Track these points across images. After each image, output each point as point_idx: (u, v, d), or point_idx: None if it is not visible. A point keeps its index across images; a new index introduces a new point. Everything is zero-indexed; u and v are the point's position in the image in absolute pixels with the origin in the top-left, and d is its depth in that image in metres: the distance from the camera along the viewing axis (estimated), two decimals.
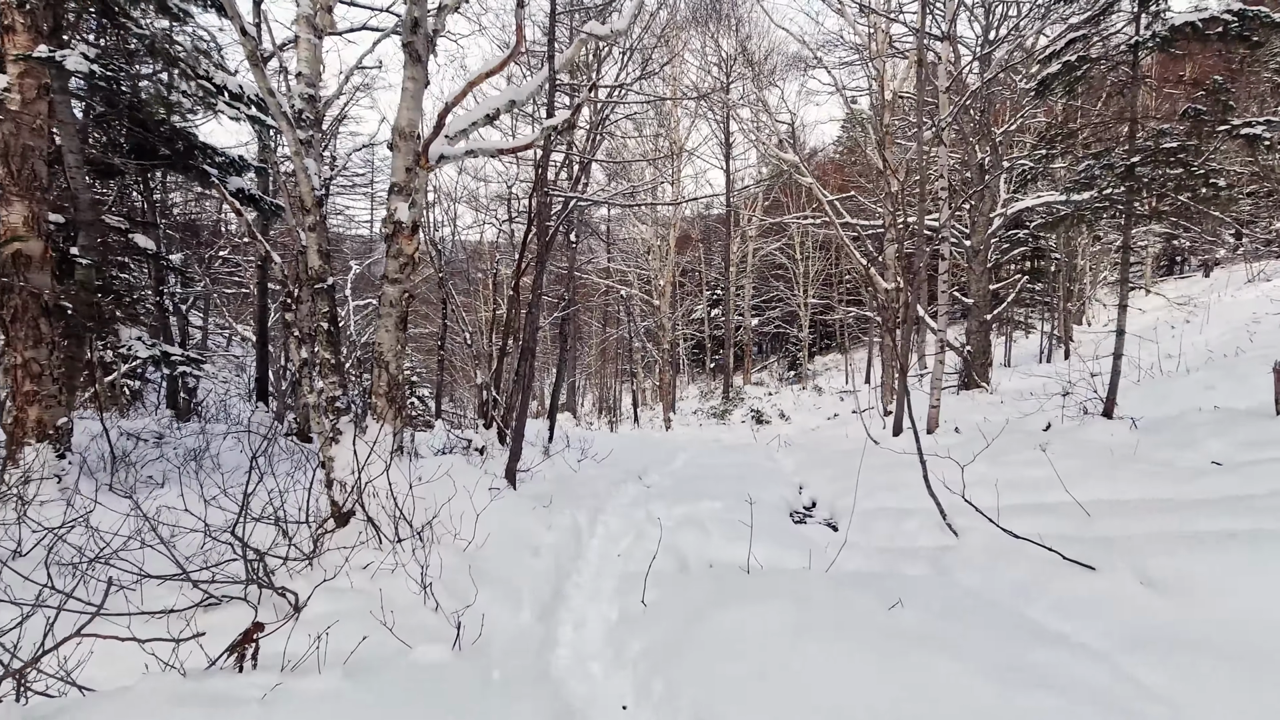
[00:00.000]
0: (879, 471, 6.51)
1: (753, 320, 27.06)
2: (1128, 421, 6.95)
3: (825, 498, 6.17)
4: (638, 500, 5.67)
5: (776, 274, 28.93)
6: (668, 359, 19.77)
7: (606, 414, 25.08)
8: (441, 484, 4.16)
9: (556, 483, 6.37)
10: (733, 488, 6.17)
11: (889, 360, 11.59)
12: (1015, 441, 6.62)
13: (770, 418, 17.86)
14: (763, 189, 21.44)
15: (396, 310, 4.62)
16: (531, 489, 5.82)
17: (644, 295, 20.38)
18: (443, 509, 3.86)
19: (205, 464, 6.05)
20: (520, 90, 4.99)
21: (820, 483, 6.83)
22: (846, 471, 6.97)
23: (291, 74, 4.75)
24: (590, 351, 28.93)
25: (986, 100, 13.35)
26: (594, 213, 22.44)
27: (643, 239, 20.10)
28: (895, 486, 5.61)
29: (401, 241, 4.58)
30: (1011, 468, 5.35)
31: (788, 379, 30.06)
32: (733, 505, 4.96)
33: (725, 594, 2.76)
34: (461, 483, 4.29)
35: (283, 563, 2.82)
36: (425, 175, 4.57)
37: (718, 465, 8.10)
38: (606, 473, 7.44)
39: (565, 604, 3.23)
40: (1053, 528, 3.48)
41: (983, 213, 14.70)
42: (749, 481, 6.74)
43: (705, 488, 6.08)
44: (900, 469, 6.37)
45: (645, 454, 9.60)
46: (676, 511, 4.73)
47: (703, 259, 26.19)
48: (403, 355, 4.70)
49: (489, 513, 3.94)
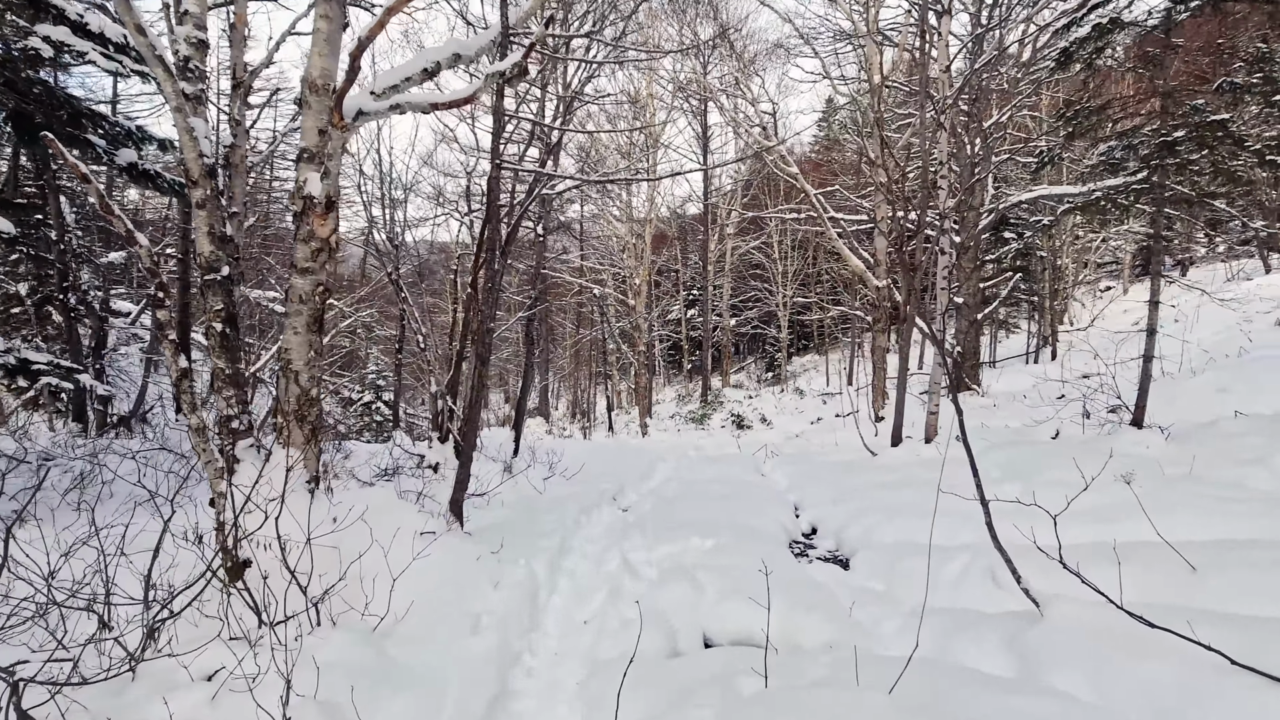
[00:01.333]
0: (888, 491, 5.71)
1: (730, 320, 26.32)
2: (1156, 430, 6.27)
3: (828, 523, 5.34)
4: (612, 533, 4.79)
5: (754, 273, 28.25)
6: (644, 361, 18.89)
7: (580, 418, 24.12)
8: (366, 525, 3.25)
9: (517, 509, 5.45)
10: (722, 513, 5.32)
11: (879, 363, 10.87)
12: (1038, 455, 5.87)
13: (751, 422, 17.09)
14: (741, 184, 20.67)
15: (308, 308, 3.67)
16: (485, 520, 4.89)
17: (619, 295, 19.48)
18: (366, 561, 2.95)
19: (92, 493, 5.03)
20: (467, 43, 4.07)
21: (819, 502, 6.01)
22: (848, 490, 6.17)
23: (175, 13, 3.79)
24: (564, 354, 27.95)
25: (977, 90, 12.72)
26: (566, 209, 21.51)
27: (618, 236, 19.20)
28: (915, 511, 4.80)
29: (314, 221, 3.63)
30: (1049, 489, 4.57)
31: (765, 380, 29.40)
32: (726, 542, 4.10)
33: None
34: (392, 523, 3.37)
35: (81, 682, 1.88)
36: (342, 138, 3.63)
37: (701, 482, 7.24)
38: (577, 492, 6.54)
39: (507, 712, 2.33)
40: (1149, 587, 2.68)
41: (972, 207, 14.09)
42: (738, 502, 5.90)
43: (690, 513, 5.22)
44: (915, 489, 5.58)
45: (621, 467, 8.71)
46: (659, 553, 3.85)
47: (679, 257, 25.37)
48: (318, 364, 3.76)
49: (419, 568, 3.02)
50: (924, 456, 7.98)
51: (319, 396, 3.81)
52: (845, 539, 4.85)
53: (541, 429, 21.34)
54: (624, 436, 17.10)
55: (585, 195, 18.03)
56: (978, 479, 2.92)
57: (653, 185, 17.96)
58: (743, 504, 5.83)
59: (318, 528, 3.18)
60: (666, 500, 6.07)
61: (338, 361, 20.74)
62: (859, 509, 5.28)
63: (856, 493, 5.95)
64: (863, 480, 6.53)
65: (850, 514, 5.23)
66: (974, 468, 2.97)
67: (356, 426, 18.66)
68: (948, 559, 3.64)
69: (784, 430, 15.73)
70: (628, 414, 23.14)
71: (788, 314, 26.52)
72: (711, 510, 5.42)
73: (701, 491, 6.51)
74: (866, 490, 5.97)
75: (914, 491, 5.49)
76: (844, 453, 9.03)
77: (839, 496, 5.96)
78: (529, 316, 8.96)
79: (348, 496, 3.69)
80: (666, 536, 4.25)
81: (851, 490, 6.08)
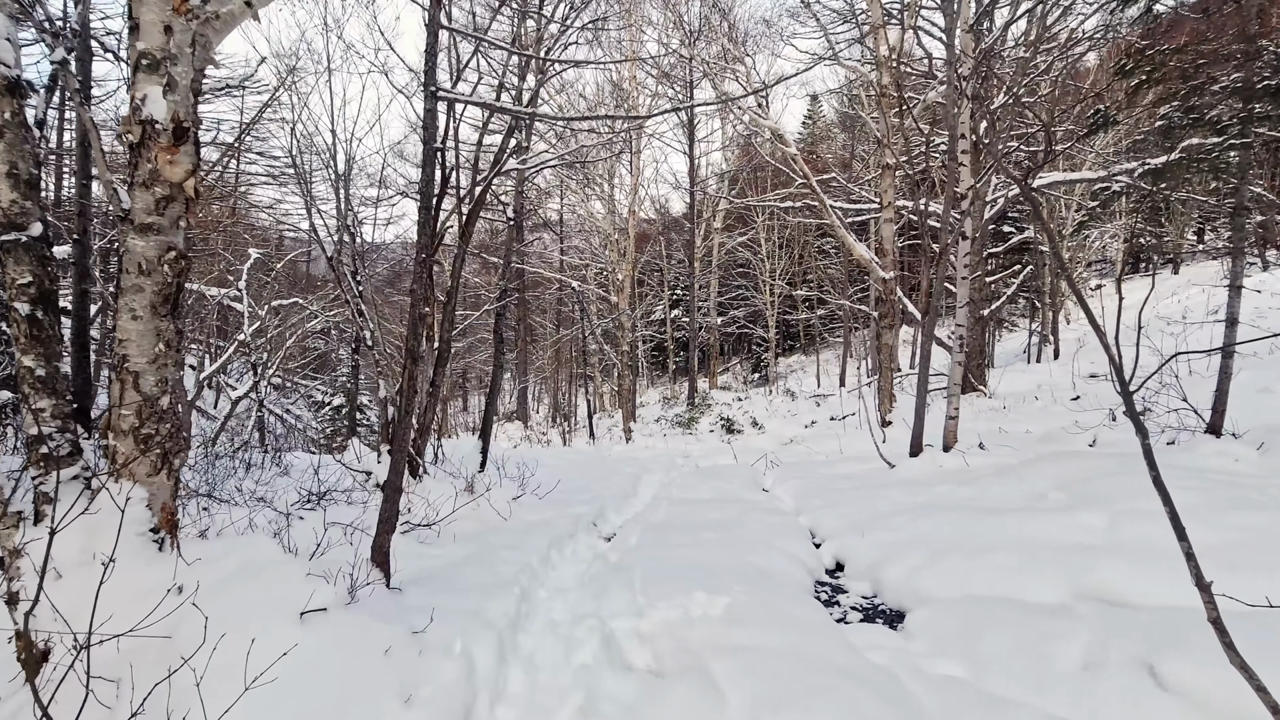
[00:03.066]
0: (922, 516, 4.70)
1: (718, 320, 25.35)
2: (1230, 437, 5.35)
3: (856, 558, 4.33)
4: (590, 582, 3.72)
5: (740, 270, 27.32)
6: (628, 362, 17.83)
7: (561, 422, 23.00)
8: (232, 598, 2.18)
9: (472, 544, 4.37)
10: (726, 548, 4.29)
11: (886, 362, 9.92)
12: (1100, 470, 4.89)
13: (742, 426, 16.10)
14: (728, 176, 19.69)
15: (153, 283, 2.57)
16: (424, 564, 3.81)
17: (601, 292, 18.40)
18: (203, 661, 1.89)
19: None
20: None
21: (839, 530, 4.99)
22: (872, 513, 5.16)
23: None
24: (544, 354, 26.79)
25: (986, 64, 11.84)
26: (543, 201, 20.36)
27: (600, 230, 18.11)
28: (968, 546, 3.80)
29: (157, 157, 2.53)
30: (1141, 522, 3.59)
31: (752, 381, 28.47)
32: (740, 600, 3.06)
33: None
34: (261, 595, 2.29)
35: None
36: (192, 32, 2.53)
37: (695, 502, 6.20)
38: (549, 518, 5.47)
39: None
40: None
41: (979, 195, 13.22)
42: (743, 531, 4.86)
43: (688, 550, 4.18)
44: (956, 513, 4.58)
45: (602, 481, 7.65)
46: (654, 621, 2.79)
47: (664, 253, 24.33)
48: (169, 361, 2.65)
49: (289, 675, 1.95)
50: (948, 468, 7.01)
51: (174, 409, 2.71)
52: (885, 583, 3.83)
53: (520, 434, 20.18)
54: (606, 442, 16.02)
55: (565, 177, 16.92)
56: (1158, 477, 1.91)
57: (635, 175, 16.90)
58: (749, 533, 4.80)
59: (161, 601, 2.11)
60: (656, 528, 5.01)
61: (310, 364, 19.57)
62: (894, 542, 4.27)
63: (883, 518, 4.94)
64: (887, 500, 5.53)
65: (883, 548, 4.23)
66: (1159, 483, 1.95)
67: (327, 431, 17.49)
68: (1048, 627, 2.63)
69: (777, 435, 14.75)
70: (610, 418, 22.07)
71: (775, 313, 25.60)
72: (713, 545, 4.39)
73: (697, 516, 5.47)
74: (895, 515, 4.96)
75: (957, 517, 4.49)
76: (853, 463, 8.04)
77: (863, 522, 4.95)
78: (498, 311, 7.86)
79: (213, 550, 2.59)
80: (662, 590, 3.19)
81: (877, 515, 5.07)
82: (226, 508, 4.56)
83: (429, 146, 2.99)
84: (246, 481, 5.71)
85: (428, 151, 2.99)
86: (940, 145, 15.68)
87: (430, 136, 2.95)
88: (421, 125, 3.05)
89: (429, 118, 2.93)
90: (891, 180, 9.69)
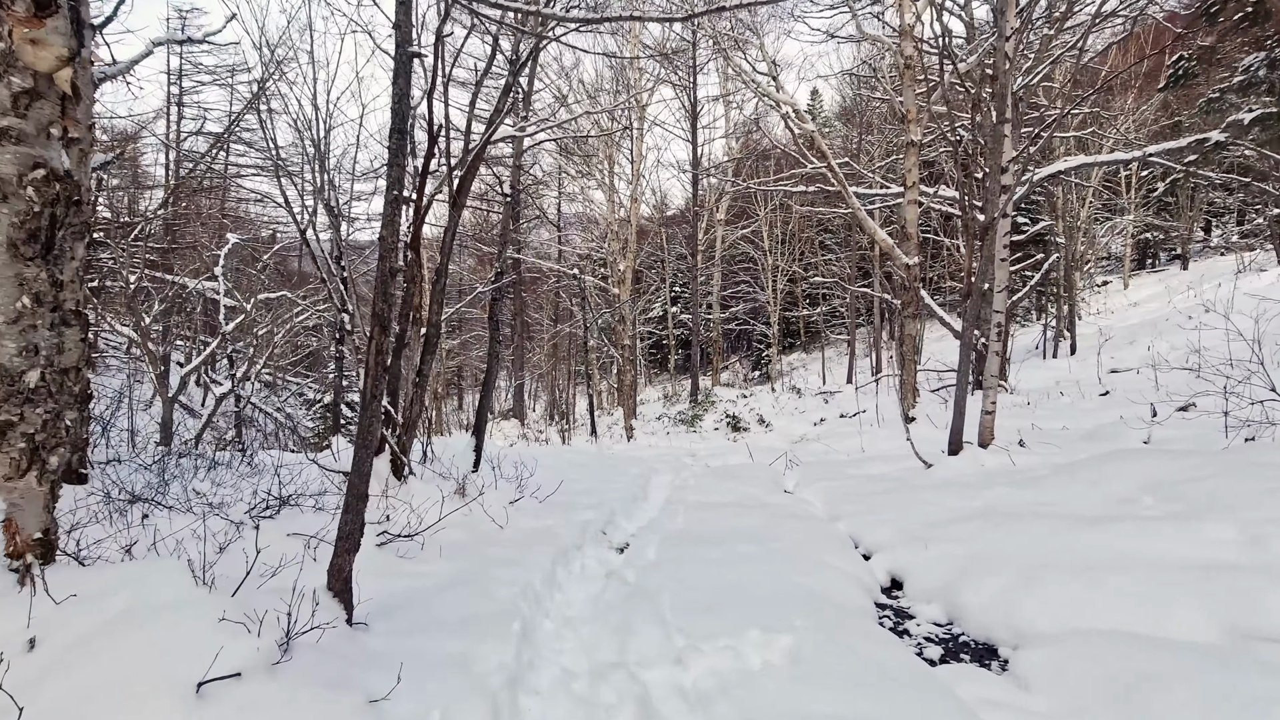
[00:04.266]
0: (988, 525, 4.00)
1: (721, 314, 24.66)
2: None
3: (918, 576, 3.64)
4: (607, 609, 3.01)
5: (741, 264, 26.63)
6: (628, 357, 17.11)
7: (559, 420, 22.25)
8: (103, 660, 1.48)
9: (461, 559, 3.66)
10: (763, 563, 3.59)
11: (909, 354, 9.24)
12: (1199, 470, 4.19)
13: (748, 424, 15.41)
14: (733, 162, 18.97)
15: (10, 212, 1.86)
16: (401, 585, 3.09)
17: (600, 283, 17.67)
18: None
19: None
20: None
21: (887, 539, 4.30)
22: (923, 520, 4.47)
23: None
24: (541, 349, 26.05)
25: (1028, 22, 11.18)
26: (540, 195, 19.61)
27: (602, 218, 17.37)
28: (1072, 564, 3.10)
29: (12, 32, 1.82)
30: None
31: (753, 379, 27.79)
32: (806, 638, 2.36)
33: None
34: (155, 650, 1.57)
35: None
36: None
37: (715, 506, 5.50)
38: (551, 526, 4.77)
39: None
40: None
41: (996, 179, 12.55)
42: (780, 543, 4.16)
43: (721, 570, 3.48)
44: (1024, 521, 3.89)
45: (608, 483, 6.94)
46: (700, 671, 2.09)
47: (664, 244, 23.59)
48: (39, 322, 1.94)
49: None
50: (991, 468, 6.33)
51: (55, 389, 1.99)
52: (964, 609, 3.13)
53: (516, 432, 19.44)
54: (607, 440, 15.30)
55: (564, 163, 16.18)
56: None
57: (637, 162, 16.16)
58: (786, 545, 4.10)
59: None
60: (676, 539, 4.31)
61: (302, 361, 18.84)
62: (965, 557, 3.57)
63: (940, 527, 4.25)
64: (936, 505, 4.84)
65: (952, 564, 3.53)
66: None
67: (320, 429, 16.79)
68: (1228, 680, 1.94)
69: (786, 433, 14.07)
70: (610, 415, 21.36)
71: (778, 309, 24.89)
72: (748, 560, 3.69)
73: (721, 523, 4.77)
74: (953, 523, 4.27)
75: (1035, 527, 3.80)
76: (882, 463, 7.35)
77: (916, 530, 4.26)
78: (494, 296, 7.13)
79: (99, 582, 1.87)
80: (702, 625, 2.49)
81: (932, 522, 4.38)
82: (170, 515, 3.84)
83: (403, 50, 2.27)
84: (204, 483, 4.98)
85: (401, 52, 2.27)
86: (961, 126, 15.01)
87: (404, 37, 2.23)
88: (394, 26, 2.33)
89: (400, 49, 2.21)
90: (915, 159, 9.00)
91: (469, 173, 5.62)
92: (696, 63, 17.40)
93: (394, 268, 2.35)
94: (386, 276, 2.33)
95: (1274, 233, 21.02)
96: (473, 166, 5.74)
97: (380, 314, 2.39)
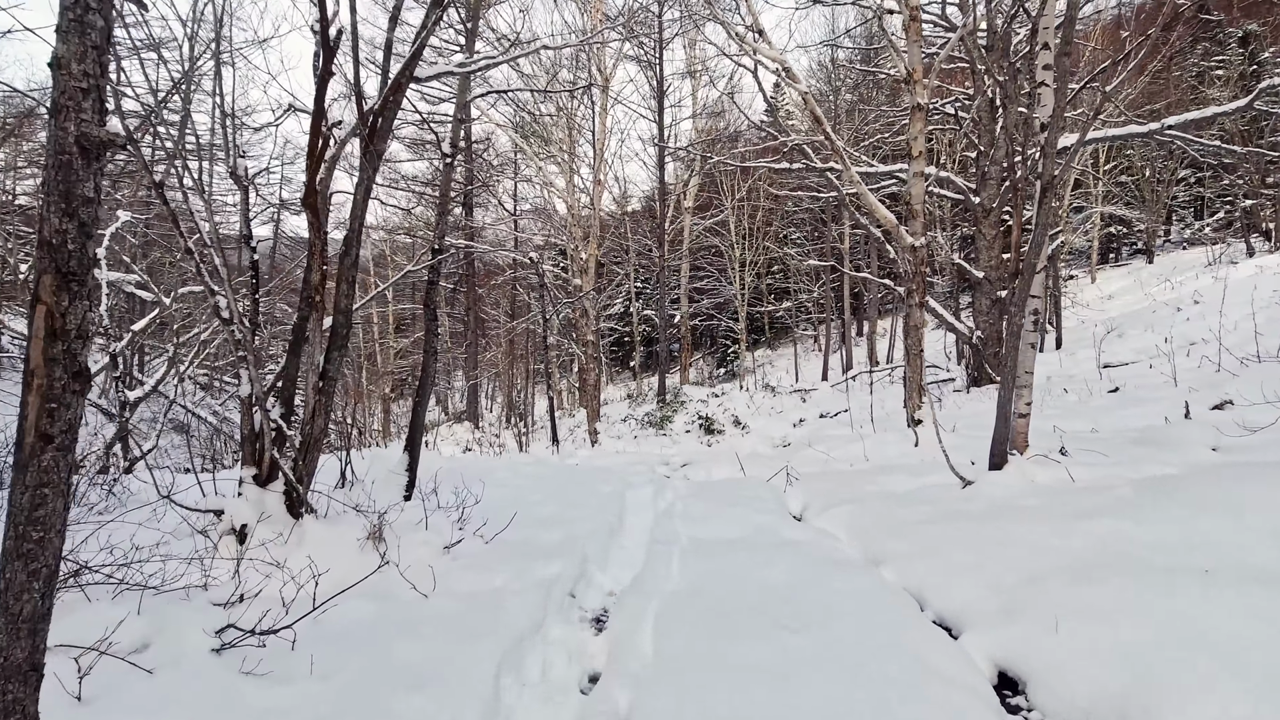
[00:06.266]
0: (1133, 581, 2.78)
1: (689, 308, 23.45)
2: None
3: (1043, 667, 2.40)
4: None
5: (707, 259, 25.48)
6: (591, 354, 15.72)
7: (517, 422, 20.70)
8: None
9: (348, 667, 2.27)
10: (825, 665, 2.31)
11: (914, 348, 8.12)
12: None
13: (723, 426, 14.22)
14: (702, 145, 17.72)
15: None
16: None
17: (560, 274, 16.24)
18: None
19: None
20: None
21: (965, 596, 3.07)
22: (1011, 566, 3.23)
23: None
24: (498, 346, 24.43)
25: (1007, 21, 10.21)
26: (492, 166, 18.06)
27: (562, 202, 15.92)
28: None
29: None
30: None
31: (719, 376, 26.71)
32: None
33: None
34: None
35: None
36: None
37: (721, 545, 4.21)
38: (499, 583, 3.40)
39: None
40: None
41: (995, 160, 11.64)
42: (831, 618, 2.89)
43: (765, 686, 2.18)
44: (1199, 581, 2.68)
45: (574, 507, 5.56)
46: None
47: (628, 234, 22.23)
48: None
49: None
50: (1044, 483, 5.15)
51: None
52: None
53: (469, 436, 17.83)
54: (570, 446, 13.89)
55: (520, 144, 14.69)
56: None
57: (601, 140, 14.76)
58: (845, 626, 2.81)
59: None
60: (679, 610, 3.00)
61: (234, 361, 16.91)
62: (1134, 645, 2.33)
63: (1045, 581, 3.01)
64: (1017, 544, 3.59)
65: (1113, 657, 2.30)
66: None
67: None
68: None
69: (765, 435, 12.91)
70: (572, 417, 19.93)
71: (745, 303, 23.81)
72: (800, 659, 2.39)
73: (738, 578, 3.47)
74: (1064, 576, 3.02)
75: (1208, 588, 2.60)
76: (900, 476, 6.16)
77: (1008, 586, 3.03)
78: (430, 279, 5.68)
79: None
80: None
81: (1027, 574, 3.14)
82: None
83: None
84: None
85: None
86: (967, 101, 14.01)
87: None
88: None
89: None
90: (922, 126, 7.87)
91: (384, 105, 4.19)
92: (663, 37, 16.09)
93: None
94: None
95: (1245, 225, 20.87)
96: (391, 101, 4.30)
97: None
